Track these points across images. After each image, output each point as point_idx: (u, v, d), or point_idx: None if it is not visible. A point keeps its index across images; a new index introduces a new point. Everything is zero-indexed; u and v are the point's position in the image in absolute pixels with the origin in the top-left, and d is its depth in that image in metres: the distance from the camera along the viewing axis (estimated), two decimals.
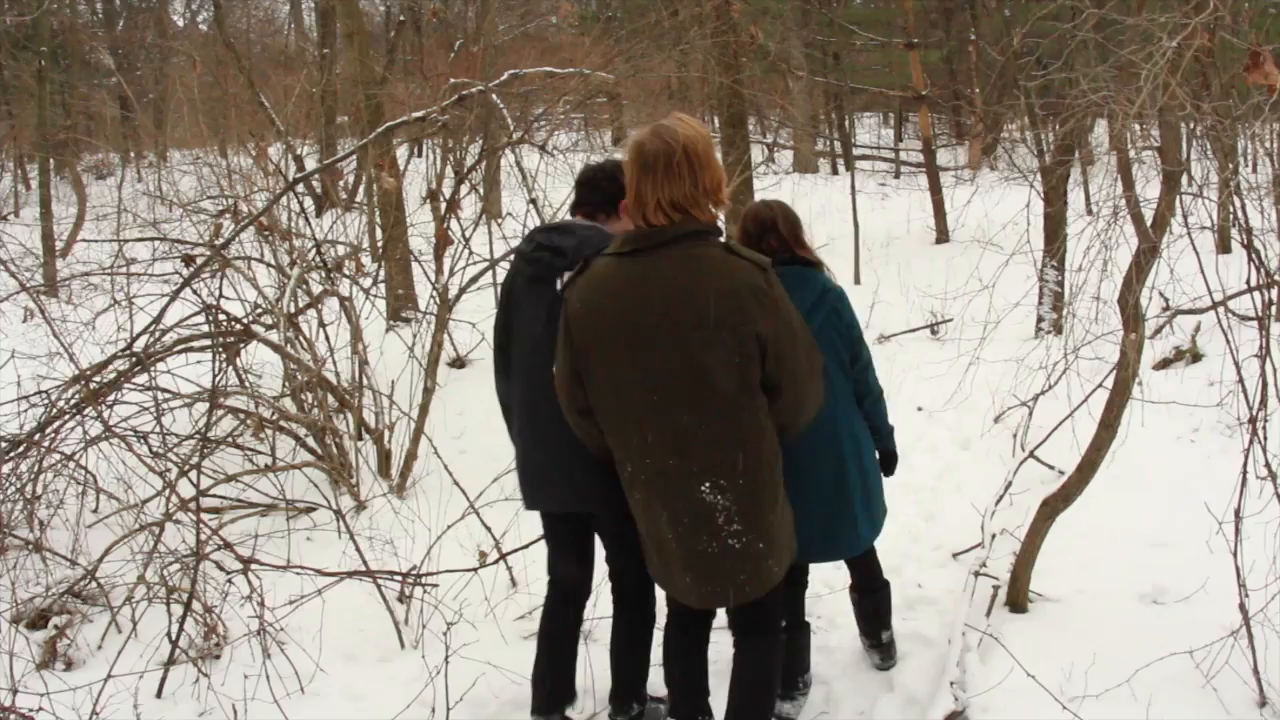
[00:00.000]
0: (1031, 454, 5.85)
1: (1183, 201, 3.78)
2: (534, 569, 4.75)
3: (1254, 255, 3.68)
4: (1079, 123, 4.71)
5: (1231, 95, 3.55)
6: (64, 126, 18.85)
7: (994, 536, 4.87)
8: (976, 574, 4.49)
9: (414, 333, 7.01)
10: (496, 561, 4.73)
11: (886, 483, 3.78)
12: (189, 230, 7.95)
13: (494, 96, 5.90)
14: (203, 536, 4.31)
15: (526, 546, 4.78)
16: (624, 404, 2.93)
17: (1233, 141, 3.72)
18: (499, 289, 3.71)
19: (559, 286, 3.22)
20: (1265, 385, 3.67)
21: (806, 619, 3.89)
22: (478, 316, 8.45)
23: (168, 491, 4.79)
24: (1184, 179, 3.79)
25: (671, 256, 2.83)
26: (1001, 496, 5.35)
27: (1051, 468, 5.72)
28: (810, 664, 3.91)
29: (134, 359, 5.61)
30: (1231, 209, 3.75)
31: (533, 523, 4.89)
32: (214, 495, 5.63)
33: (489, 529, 4.92)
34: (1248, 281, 3.84)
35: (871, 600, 3.99)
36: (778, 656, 3.31)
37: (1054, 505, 4.23)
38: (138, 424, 5.69)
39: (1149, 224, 3.69)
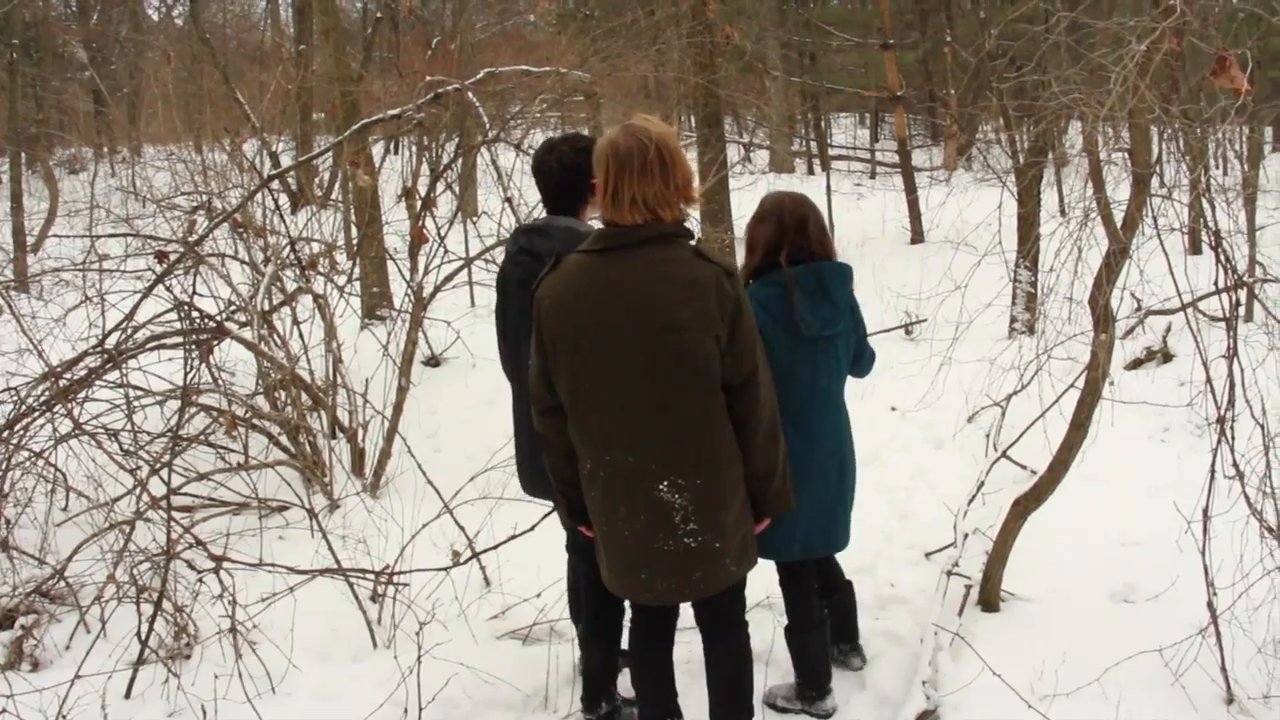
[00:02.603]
0: (1004, 454, 5.89)
1: (1152, 203, 3.81)
2: (507, 569, 4.74)
3: (1222, 257, 3.71)
4: (1051, 125, 4.74)
5: (1200, 98, 3.58)
6: (36, 120, 18.66)
7: (967, 536, 4.90)
8: (949, 573, 4.51)
9: (389, 331, 6.99)
10: (469, 560, 4.71)
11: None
12: (162, 226, 7.90)
13: (470, 94, 5.88)
14: (174, 535, 4.28)
15: (499, 545, 4.77)
16: (587, 401, 2.96)
17: (1202, 144, 3.74)
18: (494, 285, 3.73)
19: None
20: (1232, 386, 3.71)
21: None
22: (453, 315, 8.46)
23: (138, 489, 4.76)
24: (1154, 181, 3.82)
25: (641, 256, 2.87)
26: (974, 496, 5.38)
27: (1024, 467, 5.76)
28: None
29: (105, 356, 5.56)
30: (1201, 211, 3.78)
31: (506, 522, 4.91)
32: (186, 494, 5.59)
33: (462, 528, 4.91)
34: (1215, 283, 3.87)
35: (840, 600, 4.00)
36: (746, 651, 3.33)
37: (1026, 505, 4.26)
38: (109, 421, 5.64)
39: (1119, 225, 3.72)
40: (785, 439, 3.13)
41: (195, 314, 5.99)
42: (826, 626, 3.83)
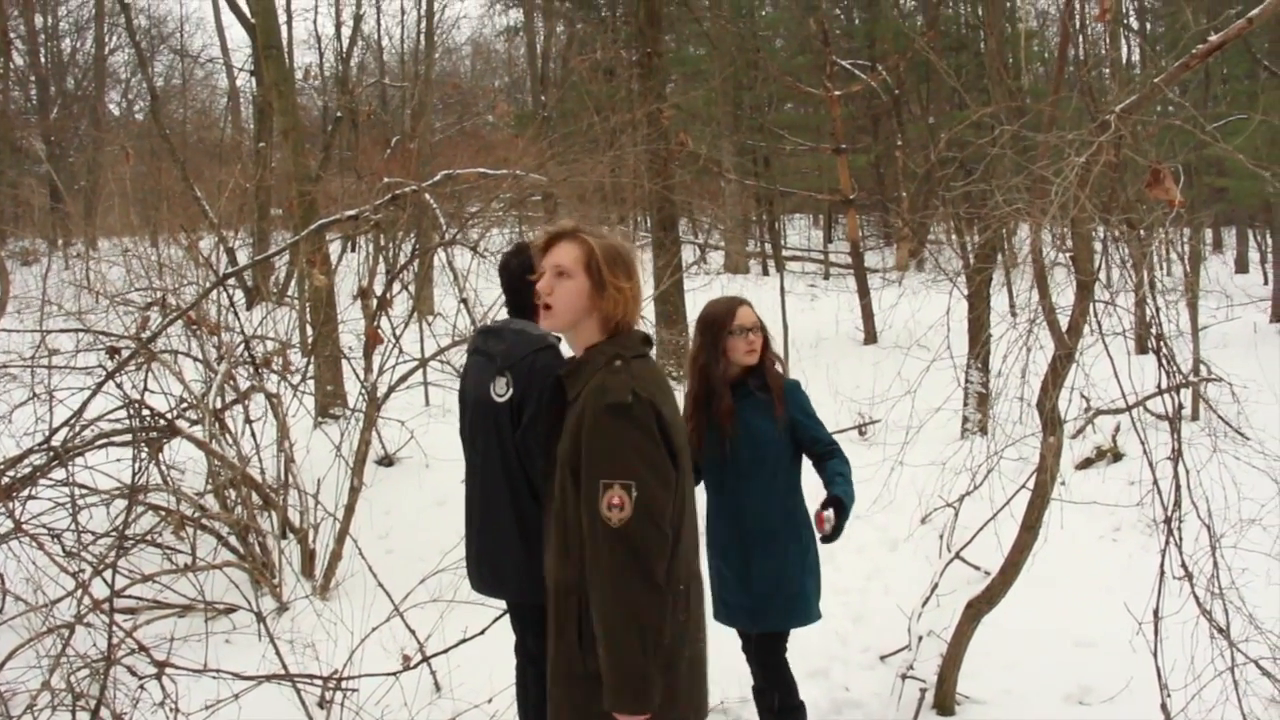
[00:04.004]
0: (957, 555, 5.91)
1: (1096, 309, 3.91)
2: (458, 673, 4.65)
3: (1163, 361, 3.80)
4: (997, 232, 4.88)
5: (1138, 208, 3.71)
6: None
7: (921, 638, 4.88)
8: (904, 676, 4.49)
9: (342, 430, 6.93)
10: (419, 665, 4.62)
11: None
12: (115, 322, 7.83)
13: (427, 196, 5.94)
14: (115, 639, 4.15)
15: (450, 649, 4.68)
16: (689, 505, 2.77)
17: (1143, 250, 3.87)
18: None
19: (497, 390, 3.33)
20: (1178, 488, 3.77)
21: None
22: (407, 414, 8.41)
23: (80, 592, 4.63)
24: (1098, 287, 3.93)
25: None
26: (928, 598, 5.38)
27: (977, 568, 5.78)
28: None
29: (51, 454, 5.46)
30: (1145, 314, 3.89)
31: (457, 624, 4.83)
32: (129, 596, 5.46)
33: (413, 632, 4.82)
34: (1159, 385, 3.96)
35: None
36: None
37: (979, 607, 4.26)
38: (52, 521, 5.51)
39: (1064, 330, 3.81)
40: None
41: (146, 412, 5.91)
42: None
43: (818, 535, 3.58)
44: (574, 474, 2.55)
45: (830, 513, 3.46)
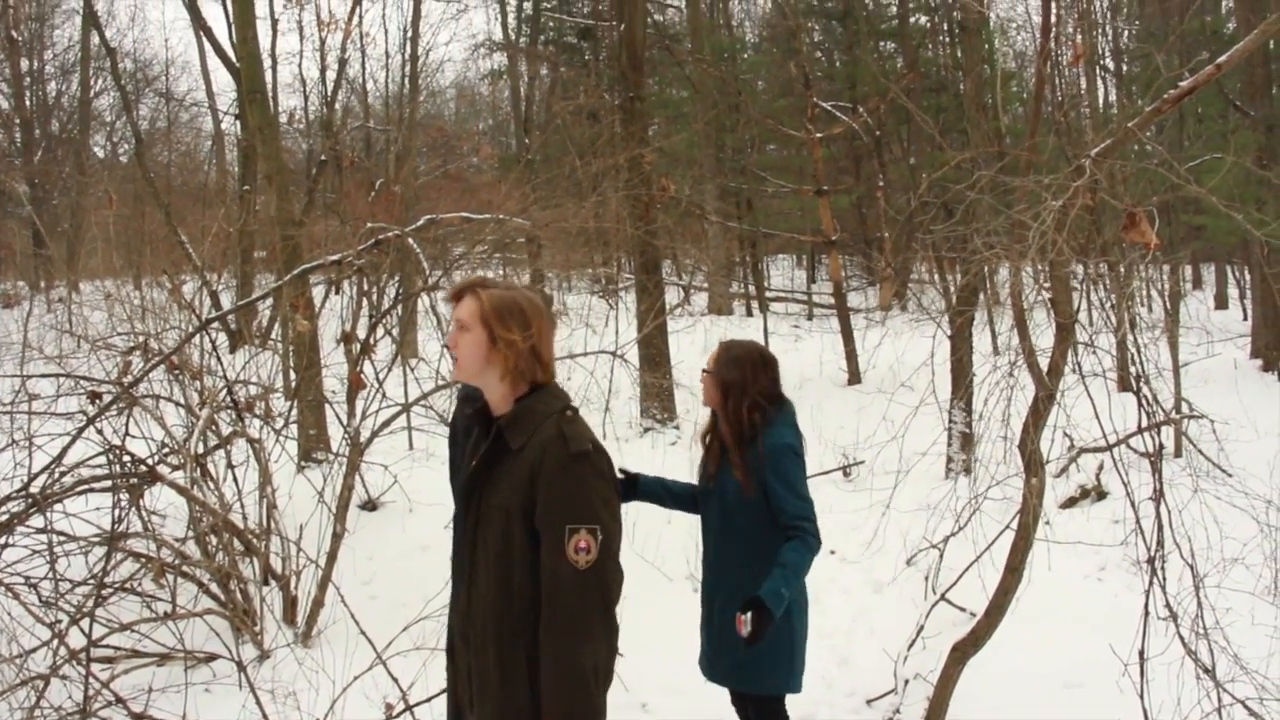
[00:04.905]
0: (943, 597, 5.90)
1: (1076, 350, 3.94)
2: None
3: (1143, 401, 3.83)
4: (976, 276, 4.92)
5: (1116, 250, 3.75)
6: None
7: (907, 682, 4.86)
8: None
9: (324, 475, 6.89)
10: (402, 714, 4.57)
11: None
12: (96, 367, 7.78)
13: (410, 240, 5.95)
14: (91, 691, 4.10)
15: (433, 698, 4.63)
16: None
17: (1124, 289, 3.91)
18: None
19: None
20: (1160, 528, 3.78)
21: None
22: (390, 458, 8.38)
23: (55, 642, 4.57)
24: (1077, 328, 3.96)
25: None
26: (914, 641, 5.36)
27: (963, 610, 5.76)
28: None
29: (30, 500, 5.41)
30: (1125, 353, 3.92)
31: (441, 672, 4.77)
32: (107, 645, 5.38)
33: (396, 680, 4.77)
34: (1140, 423, 3.98)
35: None
36: None
37: (964, 650, 4.25)
38: (29, 569, 5.45)
39: (1045, 372, 3.83)
40: None
41: (126, 457, 5.86)
42: None
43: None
44: (524, 519, 2.60)
45: (749, 615, 3.21)
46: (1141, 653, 3.76)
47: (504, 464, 2.68)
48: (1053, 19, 4.25)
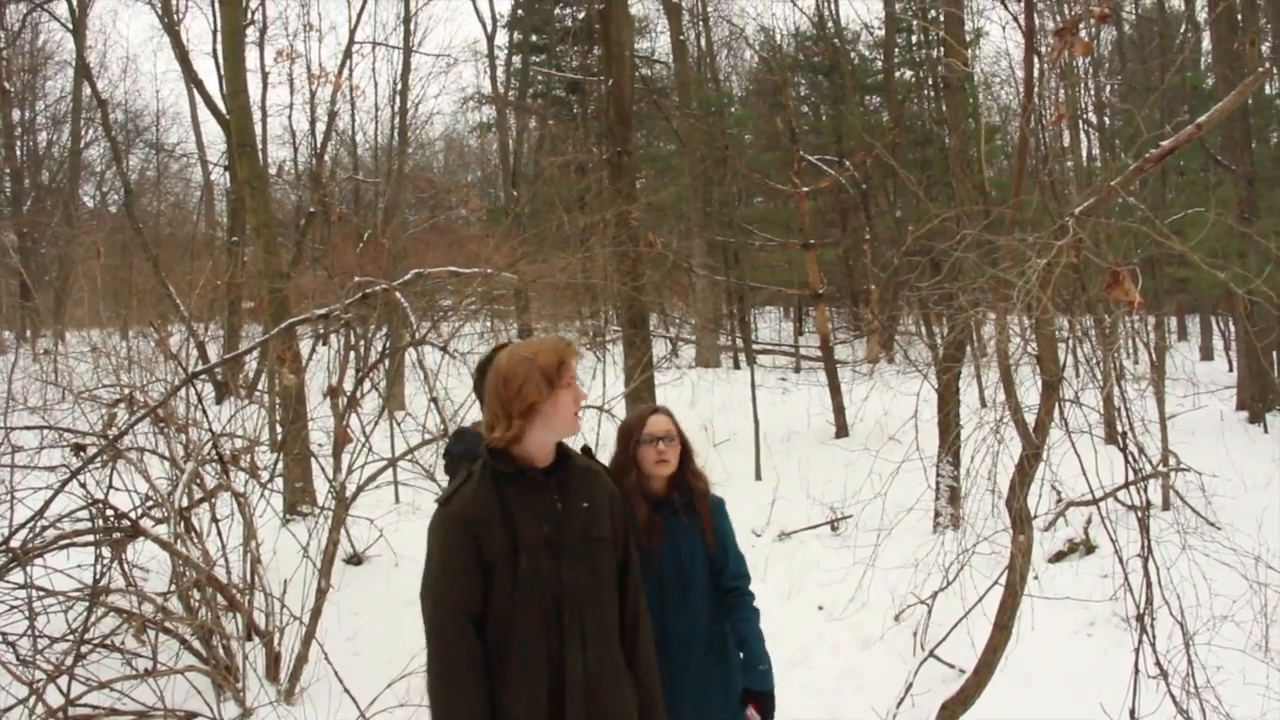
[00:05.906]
0: (931, 653, 5.85)
1: (1063, 407, 3.96)
2: None
3: (1129, 456, 3.84)
4: (962, 333, 4.94)
5: (1100, 308, 3.78)
6: None
7: None
8: None
9: (309, 529, 6.84)
10: None
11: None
12: (80, 419, 7.73)
13: (398, 294, 5.96)
14: None
15: None
16: None
17: (1110, 344, 3.93)
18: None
19: None
20: (1149, 585, 3.77)
21: None
22: (376, 512, 8.32)
23: (33, 700, 4.49)
24: (1063, 385, 3.98)
25: None
26: (903, 699, 5.32)
27: (952, 666, 5.72)
28: None
29: (10, 555, 5.34)
30: (1112, 407, 3.93)
31: None
32: (85, 704, 5.29)
33: None
34: (1126, 477, 3.98)
35: None
36: None
37: (953, 709, 4.22)
38: (7, 625, 5.37)
39: (1031, 428, 3.84)
40: None
41: (109, 511, 5.81)
42: None
43: None
44: (621, 552, 2.91)
45: (752, 711, 3.20)
46: (1133, 712, 3.74)
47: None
48: (1035, 76, 4.31)
